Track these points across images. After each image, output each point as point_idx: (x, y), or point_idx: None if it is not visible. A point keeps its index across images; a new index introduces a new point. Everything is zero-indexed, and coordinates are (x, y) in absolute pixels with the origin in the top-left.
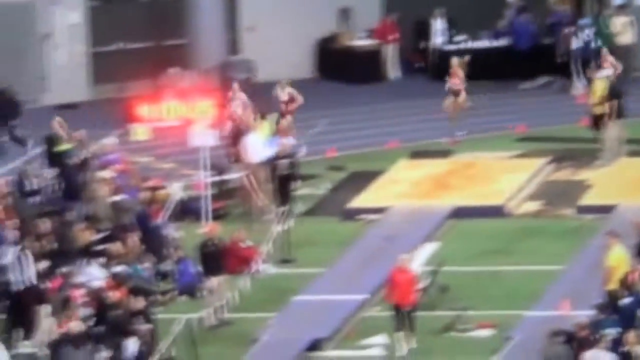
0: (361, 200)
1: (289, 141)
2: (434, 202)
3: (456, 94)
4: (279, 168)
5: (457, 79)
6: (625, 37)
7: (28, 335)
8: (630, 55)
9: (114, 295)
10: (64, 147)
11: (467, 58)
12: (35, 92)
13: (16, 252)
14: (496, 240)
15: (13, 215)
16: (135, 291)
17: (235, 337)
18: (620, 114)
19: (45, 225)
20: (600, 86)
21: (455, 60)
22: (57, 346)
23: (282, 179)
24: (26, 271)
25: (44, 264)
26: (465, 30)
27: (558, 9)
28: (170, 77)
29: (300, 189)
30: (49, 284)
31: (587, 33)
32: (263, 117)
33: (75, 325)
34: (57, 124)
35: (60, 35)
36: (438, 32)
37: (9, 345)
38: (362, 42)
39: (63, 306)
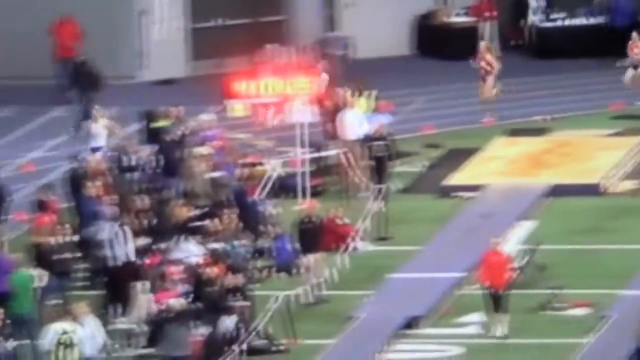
0: (458, 177)
1: (385, 119)
2: (530, 180)
3: (483, 78)
4: (374, 149)
5: (483, 62)
6: None
7: (125, 311)
8: None
9: (211, 272)
10: (161, 123)
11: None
12: (134, 68)
13: (114, 228)
14: (592, 219)
15: (111, 191)
16: (232, 268)
17: (331, 315)
18: None
19: (143, 201)
20: None
21: (482, 44)
22: (157, 322)
23: (378, 159)
24: (124, 247)
25: (142, 240)
26: (562, 8)
27: None
28: (268, 53)
29: (397, 167)
30: (146, 260)
31: None
32: (360, 94)
33: (176, 302)
34: (97, 113)
35: (158, 11)
36: (536, 10)
37: (106, 321)
38: (459, 19)
39: (160, 283)
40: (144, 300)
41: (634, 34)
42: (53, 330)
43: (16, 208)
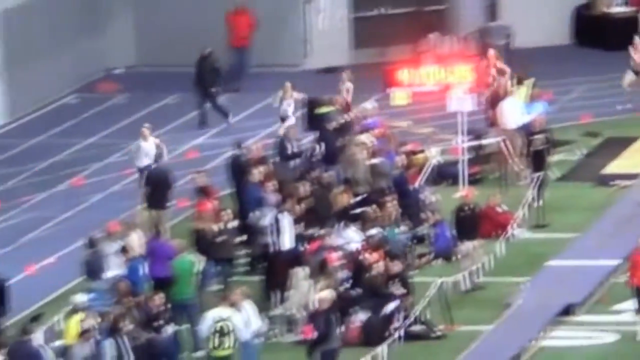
0: (616, 166)
1: (542, 108)
2: None
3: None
4: (534, 144)
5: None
6: None
7: (286, 297)
8: None
9: (371, 258)
10: (324, 109)
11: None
12: (298, 56)
13: (275, 214)
14: None
15: (272, 178)
16: (391, 254)
17: (488, 301)
18: None
19: (304, 188)
20: None
21: (491, 52)
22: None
23: (538, 152)
24: (284, 233)
25: (303, 227)
26: None
27: None
28: (430, 42)
29: (555, 155)
30: (306, 247)
31: None
32: (520, 82)
33: (329, 293)
34: (146, 131)
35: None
36: None
37: (266, 307)
38: (619, 8)
39: (320, 269)
40: (305, 287)
41: (636, 38)
42: (211, 317)
43: (180, 194)
